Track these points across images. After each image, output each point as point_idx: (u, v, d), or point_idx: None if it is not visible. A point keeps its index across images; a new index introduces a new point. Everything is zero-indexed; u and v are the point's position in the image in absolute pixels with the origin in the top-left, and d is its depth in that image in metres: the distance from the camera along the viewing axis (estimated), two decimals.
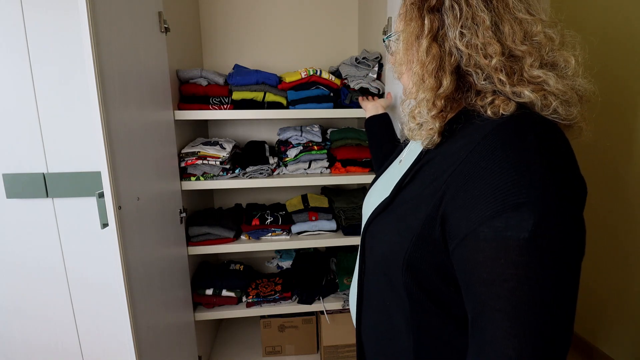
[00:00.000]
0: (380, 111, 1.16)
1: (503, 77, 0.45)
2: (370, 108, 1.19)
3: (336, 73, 1.52)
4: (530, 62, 0.45)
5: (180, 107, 1.34)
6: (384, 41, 0.64)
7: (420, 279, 0.50)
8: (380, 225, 0.56)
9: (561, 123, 0.46)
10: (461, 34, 0.47)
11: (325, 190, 1.79)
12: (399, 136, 1.05)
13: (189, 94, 1.37)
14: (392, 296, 0.55)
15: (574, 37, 0.48)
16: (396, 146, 1.12)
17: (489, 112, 0.45)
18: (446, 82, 0.47)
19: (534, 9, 0.47)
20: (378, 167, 1.09)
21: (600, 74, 0.51)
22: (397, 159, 0.72)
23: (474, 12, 0.46)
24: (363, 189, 1.79)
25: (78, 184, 1.34)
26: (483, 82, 0.47)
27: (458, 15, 0.47)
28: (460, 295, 0.47)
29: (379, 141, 1.08)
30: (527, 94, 0.44)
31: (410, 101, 0.55)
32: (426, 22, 0.48)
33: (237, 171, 1.41)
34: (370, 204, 0.66)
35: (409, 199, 0.52)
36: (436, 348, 0.53)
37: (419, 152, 0.58)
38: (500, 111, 0.44)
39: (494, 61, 0.45)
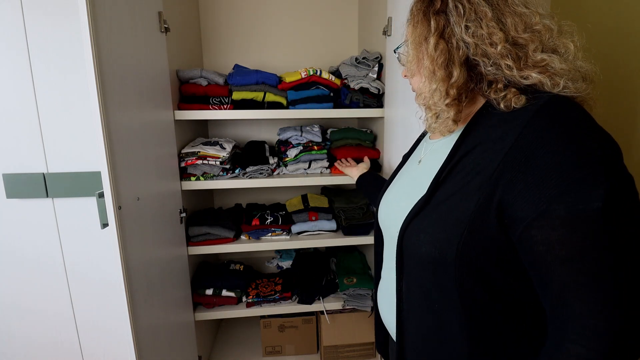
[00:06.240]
0: (364, 171, 1.25)
1: (509, 62, 0.49)
2: (355, 173, 1.28)
3: (336, 73, 1.52)
4: (534, 48, 0.50)
5: (180, 107, 1.34)
6: (394, 51, 0.68)
7: (472, 271, 0.51)
8: (421, 226, 0.56)
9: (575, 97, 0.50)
10: (467, 27, 0.51)
11: (325, 190, 1.79)
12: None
13: (189, 94, 1.37)
14: (441, 295, 0.54)
15: (570, 26, 0.52)
16: None
17: (502, 106, 0.49)
18: (456, 72, 0.52)
19: (531, 4, 0.52)
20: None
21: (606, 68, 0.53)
22: (414, 159, 0.71)
23: (476, 7, 0.52)
24: None
25: (78, 184, 1.34)
26: (490, 68, 0.51)
27: (462, 13, 0.52)
28: (515, 280, 0.49)
29: (376, 195, 1.08)
30: (535, 75, 0.49)
31: (425, 99, 0.58)
32: (432, 23, 0.53)
33: (237, 171, 1.41)
34: (395, 209, 0.66)
35: (450, 195, 0.52)
36: (490, 342, 0.53)
37: (447, 147, 0.58)
38: (512, 105, 0.48)
39: (499, 47, 0.50)
